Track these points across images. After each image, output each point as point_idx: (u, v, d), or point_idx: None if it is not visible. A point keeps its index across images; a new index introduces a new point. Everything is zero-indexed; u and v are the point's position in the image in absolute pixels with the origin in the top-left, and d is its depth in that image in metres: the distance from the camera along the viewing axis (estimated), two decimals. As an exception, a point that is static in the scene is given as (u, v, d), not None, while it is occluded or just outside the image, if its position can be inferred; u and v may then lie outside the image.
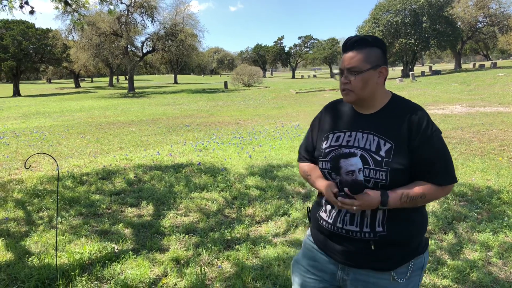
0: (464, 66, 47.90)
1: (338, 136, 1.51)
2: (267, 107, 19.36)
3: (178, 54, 38.88)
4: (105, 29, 33.17)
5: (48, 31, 42.96)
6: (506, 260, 3.10)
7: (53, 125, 13.96)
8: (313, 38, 77.96)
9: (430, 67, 50.23)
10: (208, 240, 3.62)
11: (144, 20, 34.97)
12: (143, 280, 2.91)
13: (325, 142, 1.54)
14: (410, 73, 33.79)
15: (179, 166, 6.47)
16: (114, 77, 62.57)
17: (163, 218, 4.21)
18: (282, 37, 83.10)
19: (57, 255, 3.19)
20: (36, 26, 44.55)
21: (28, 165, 6.55)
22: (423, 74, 37.34)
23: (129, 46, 37.55)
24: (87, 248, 3.42)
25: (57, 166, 4.50)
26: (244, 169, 6.16)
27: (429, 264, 3.04)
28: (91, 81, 71.09)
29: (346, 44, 1.47)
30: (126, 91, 37.10)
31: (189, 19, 37.50)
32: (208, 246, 3.47)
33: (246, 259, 3.24)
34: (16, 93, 39.04)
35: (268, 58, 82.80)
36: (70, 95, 34.99)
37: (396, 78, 35.76)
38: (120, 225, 4.00)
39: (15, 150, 8.69)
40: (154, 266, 3.15)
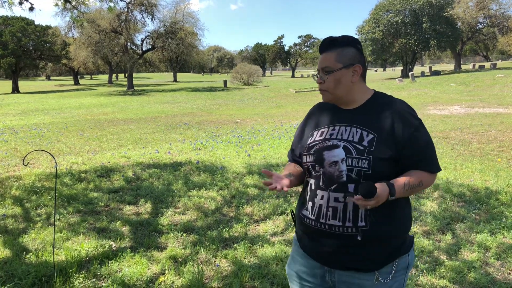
0: (463, 67, 47.90)
1: (322, 132, 1.55)
2: (267, 106, 19.35)
3: (177, 52, 38.90)
4: (104, 26, 33.13)
5: (48, 28, 42.82)
6: (503, 261, 3.11)
7: (51, 122, 13.94)
8: (313, 38, 77.82)
9: (430, 68, 50.20)
10: (206, 238, 3.61)
11: (144, 18, 34.90)
12: (140, 278, 2.91)
13: (310, 138, 1.58)
14: (410, 73, 33.81)
15: (177, 164, 6.47)
16: (114, 75, 62.50)
17: (161, 216, 4.21)
18: (282, 36, 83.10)
19: (54, 252, 3.19)
20: (36, 23, 44.47)
21: (27, 162, 6.54)
22: (422, 74, 37.36)
23: (128, 44, 37.52)
24: (84, 245, 3.42)
25: (56, 163, 4.50)
26: (242, 167, 6.15)
27: (426, 265, 3.05)
28: (90, 79, 71.01)
29: (321, 46, 1.52)
30: (125, 88, 37.05)
31: (189, 17, 37.56)
32: (206, 244, 3.47)
33: (244, 258, 3.24)
34: (15, 89, 38.97)
35: (268, 57, 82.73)
36: (69, 92, 34.95)
37: (395, 78, 35.82)
38: (118, 222, 4.00)
39: (14, 147, 8.68)
40: (151, 264, 3.15)
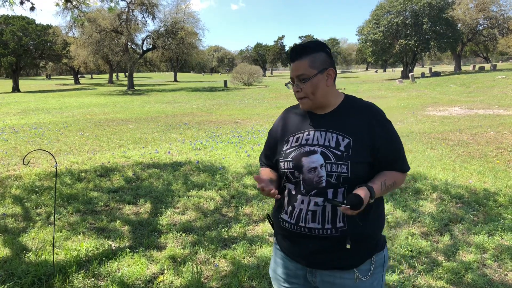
0: (464, 68, 47.92)
1: (298, 137, 1.56)
2: (267, 106, 19.36)
3: (178, 52, 38.93)
4: (105, 26, 33.15)
5: (48, 27, 42.84)
6: (501, 262, 3.12)
7: (52, 121, 13.96)
8: (314, 38, 77.99)
9: (430, 69, 50.19)
10: (205, 238, 3.63)
11: (144, 18, 34.91)
12: (139, 278, 2.93)
13: (286, 145, 1.58)
14: (410, 74, 33.82)
15: (177, 164, 6.48)
16: (114, 74, 62.47)
17: (160, 216, 4.22)
18: (283, 36, 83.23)
19: (54, 251, 3.20)
20: (37, 22, 44.51)
21: (27, 161, 6.55)
22: (422, 75, 37.39)
23: (129, 44, 37.54)
24: (84, 245, 3.44)
25: (56, 162, 4.51)
26: (242, 168, 6.17)
27: (424, 265, 3.06)
28: (91, 78, 71.00)
29: (291, 54, 1.52)
30: (125, 88, 37.05)
31: (190, 17, 37.58)
32: (205, 244, 3.49)
33: (243, 258, 3.25)
34: (16, 89, 38.98)
35: (268, 57, 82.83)
36: (69, 92, 34.95)
37: (395, 79, 35.81)
38: (118, 222, 4.01)
39: (14, 146, 8.70)
40: (150, 263, 3.17)
